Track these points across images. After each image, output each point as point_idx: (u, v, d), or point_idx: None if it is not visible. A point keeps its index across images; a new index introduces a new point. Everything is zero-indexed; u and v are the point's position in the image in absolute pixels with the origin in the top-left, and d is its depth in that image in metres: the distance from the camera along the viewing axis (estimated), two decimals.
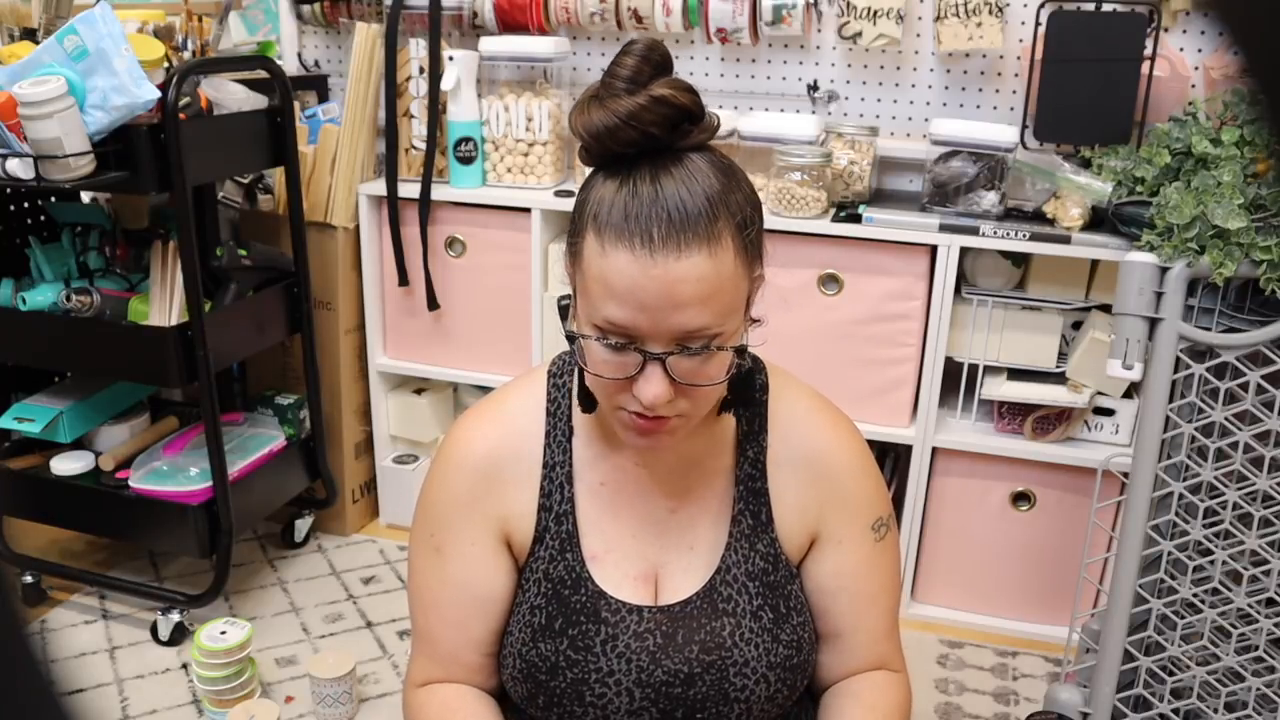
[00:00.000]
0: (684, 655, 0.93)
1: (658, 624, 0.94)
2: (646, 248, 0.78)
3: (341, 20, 2.43)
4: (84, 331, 1.89)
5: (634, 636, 0.93)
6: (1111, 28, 1.83)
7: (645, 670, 0.92)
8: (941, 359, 1.95)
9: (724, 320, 0.82)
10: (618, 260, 0.79)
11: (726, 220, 0.80)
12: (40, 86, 1.58)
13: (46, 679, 0.23)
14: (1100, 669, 1.65)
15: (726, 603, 0.94)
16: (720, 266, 0.80)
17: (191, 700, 1.88)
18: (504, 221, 2.17)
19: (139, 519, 2.01)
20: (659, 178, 0.80)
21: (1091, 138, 1.87)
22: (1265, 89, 0.22)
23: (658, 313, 0.79)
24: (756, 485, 0.98)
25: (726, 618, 0.94)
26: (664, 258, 0.78)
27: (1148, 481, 1.57)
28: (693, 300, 0.79)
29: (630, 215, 0.79)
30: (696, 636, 0.93)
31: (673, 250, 0.78)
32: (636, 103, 0.78)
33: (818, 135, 1.96)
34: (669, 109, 0.79)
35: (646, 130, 0.79)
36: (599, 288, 0.81)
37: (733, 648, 0.93)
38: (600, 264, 0.80)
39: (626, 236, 0.78)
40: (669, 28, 2.12)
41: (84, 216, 2.18)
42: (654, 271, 0.78)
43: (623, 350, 0.82)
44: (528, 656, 0.95)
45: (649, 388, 0.81)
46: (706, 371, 0.83)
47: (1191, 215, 1.50)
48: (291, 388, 2.35)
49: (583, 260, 0.83)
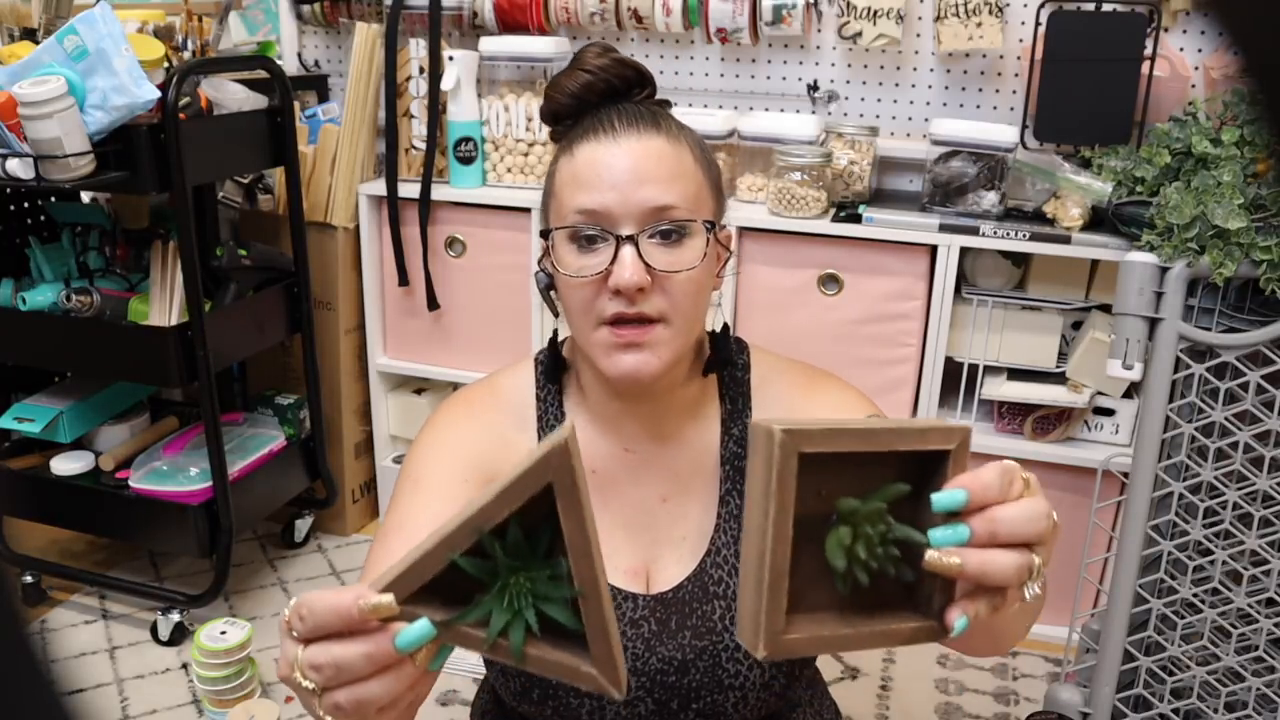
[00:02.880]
0: (677, 642, 0.92)
1: (651, 611, 0.93)
2: (609, 133, 0.87)
3: (341, 20, 2.43)
4: (84, 331, 1.89)
5: (629, 624, 0.92)
6: (1111, 28, 1.82)
7: (640, 658, 0.92)
8: (941, 359, 1.95)
9: (691, 207, 0.87)
10: (584, 153, 0.87)
11: (685, 134, 0.91)
12: (40, 86, 1.58)
13: (47, 679, 0.23)
14: (1100, 669, 1.65)
15: (717, 585, 0.93)
16: (681, 156, 0.88)
17: (191, 700, 1.88)
18: (504, 221, 2.17)
19: (139, 519, 2.01)
20: (620, 106, 0.91)
21: (1091, 138, 1.87)
22: (1264, 89, 0.22)
23: (625, 188, 0.85)
24: (742, 464, 0.96)
25: (717, 600, 0.93)
26: (626, 138, 0.86)
27: (1148, 481, 1.57)
28: (657, 176, 0.86)
29: (594, 120, 0.89)
30: (689, 622, 0.92)
31: (633, 132, 0.87)
32: (603, 63, 0.91)
33: (818, 135, 1.96)
34: (630, 69, 0.92)
35: (611, 82, 0.90)
36: (569, 188, 0.88)
37: (723, 632, 0.92)
38: (569, 167, 0.88)
39: (591, 132, 0.88)
40: (669, 27, 2.12)
41: (84, 216, 2.18)
42: (617, 149, 0.86)
43: (594, 244, 0.86)
44: None
45: (623, 270, 0.84)
46: (680, 258, 0.86)
47: (1191, 215, 1.50)
48: (291, 388, 2.35)
49: (555, 181, 0.91)
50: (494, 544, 0.55)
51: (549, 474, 0.54)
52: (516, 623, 0.56)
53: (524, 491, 0.54)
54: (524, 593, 0.56)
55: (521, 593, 0.56)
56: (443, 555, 0.55)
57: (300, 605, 0.56)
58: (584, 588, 0.55)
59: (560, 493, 0.54)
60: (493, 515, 0.55)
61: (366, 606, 0.54)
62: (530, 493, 0.54)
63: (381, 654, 0.54)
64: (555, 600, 0.56)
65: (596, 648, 0.56)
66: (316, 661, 0.55)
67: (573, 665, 0.56)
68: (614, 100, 0.91)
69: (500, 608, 0.56)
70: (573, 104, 0.91)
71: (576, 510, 0.54)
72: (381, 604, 0.54)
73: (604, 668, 0.56)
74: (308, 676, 0.55)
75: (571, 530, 0.55)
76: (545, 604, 0.56)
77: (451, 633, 0.56)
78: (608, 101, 0.91)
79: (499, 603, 0.56)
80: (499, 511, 0.55)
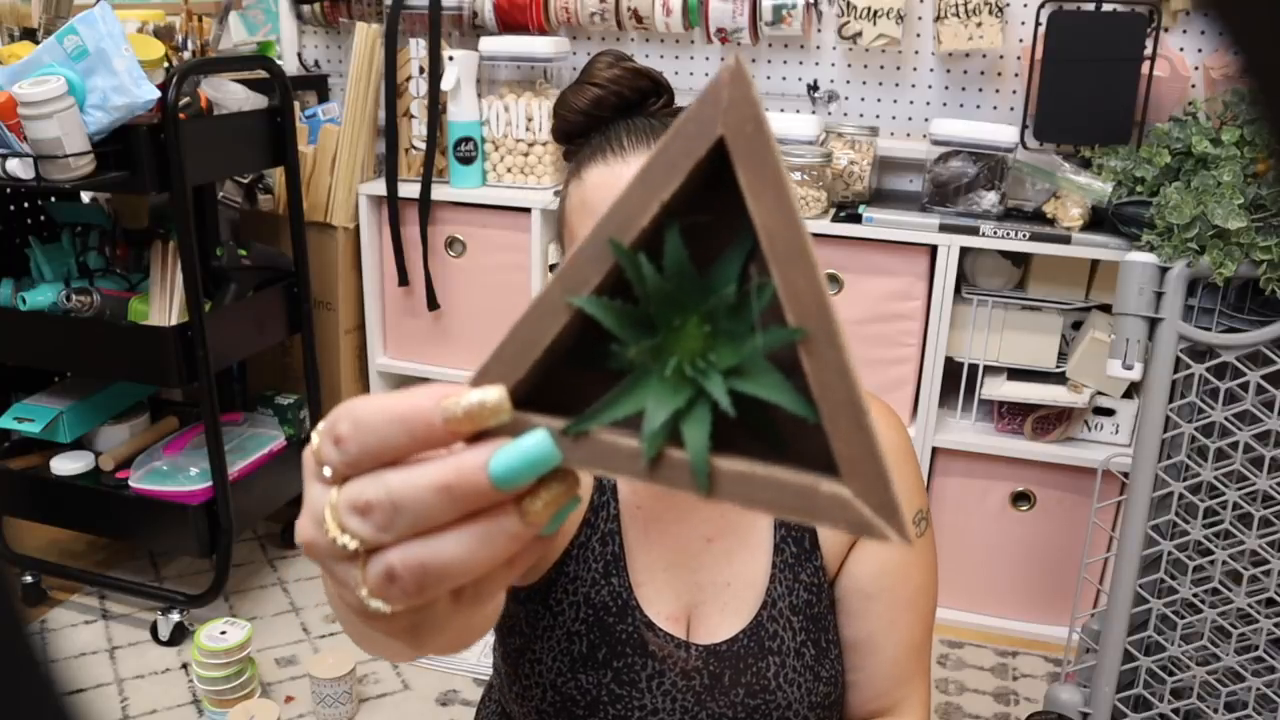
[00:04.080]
0: (729, 699, 0.86)
1: (705, 662, 0.87)
2: (618, 153, 0.82)
3: (341, 20, 2.43)
4: (84, 331, 1.89)
5: (681, 674, 0.86)
6: (1112, 28, 1.82)
7: (689, 711, 0.86)
8: (941, 359, 1.95)
9: None
10: (592, 176, 0.82)
11: None
12: (40, 86, 1.58)
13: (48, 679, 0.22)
14: (1100, 669, 1.65)
15: (772, 640, 0.88)
16: None
17: (191, 700, 1.88)
18: (504, 221, 2.17)
19: (139, 519, 2.01)
20: (631, 122, 0.86)
21: (1091, 138, 1.87)
22: (1264, 89, 0.22)
23: None
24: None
25: (772, 657, 0.87)
26: (636, 157, 0.81)
27: (1148, 481, 1.57)
28: None
29: (602, 140, 0.84)
30: (743, 679, 0.87)
31: (643, 150, 0.81)
32: (613, 74, 0.86)
33: (818, 135, 1.96)
34: (644, 79, 0.86)
35: (623, 95, 0.85)
36: (580, 215, 0.83)
37: (777, 690, 0.87)
38: (578, 192, 0.83)
39: (599, 154, 0.83)
40: (669, 27, 2.12)
41: (84, 216, 2.18)
42: (627, 172, 0.79)
43: None
44: (564, 689, 0.86)
45: None
46: None
47: (1191, 215, 1.50)
48: (291, 388, 2.35)
49: (566, 210, 0.86)
50: (641, 266, 0.32)
51: (718, 121, 0.31)
52: (695, 410, 0.32)
53: (680, 162, 0.32)
54: (700, 351, 0.32)
55: (696, 352, 0.32)
56: (556, 303, 0.33)
57: (338, 417, 0.35)
58: (808, 325, 0.31)
59: (743, 153, 0.31)
60: (633, 215, 0.32)
61: (457, 409, 0.33)
62: (692, 162, 0.32)
63: (469, 486, 0.33)
64: (755, 362, 0.32)
65: (846, 441, 0.31)
66: (363, 498, 0.34)
67: (805, 485, 0.31)
68: (627, 113, 0.87)
69: (663, 384, 0.32)
70: (583, 121, 0.87)
71: (774, 182, 0.31)
72: (486, 402, 0.33)
73: (865, 480, 0.30)
74: (346, 527, 0.34)
75: (768, 217, 0.31)
76: (741, 374, 0.32)
77: (585, 445, 0.33)
78: (620, 115, 0.87)
79: (659, 376, 0.33)
80: (642, 207, 0.32)
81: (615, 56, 0.89)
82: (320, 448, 0.35)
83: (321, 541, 0.35)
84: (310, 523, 0.36)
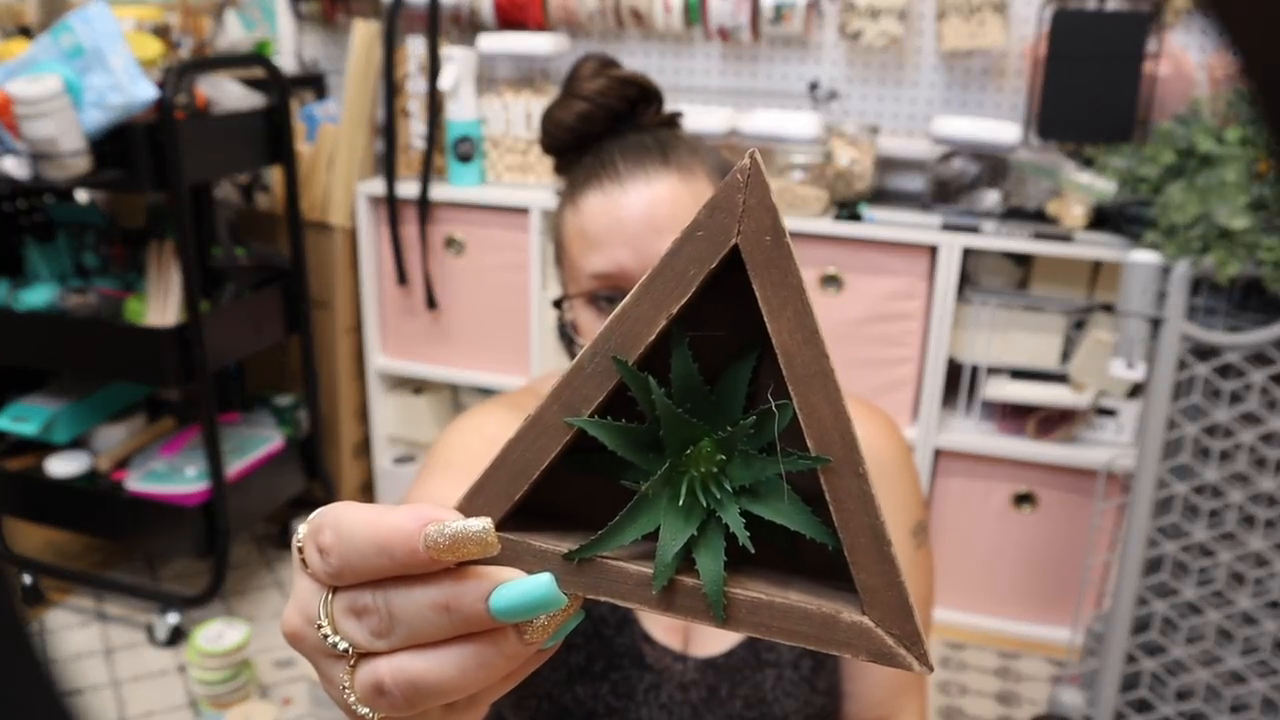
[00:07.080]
0: (726, 711, 0.85)
1: (702, 675, 0.86)
2: (614, 180, 0.80)
3: (339, 18, 2.42)
4: (80, 331, 1.88)
5: (678, 687, 0.86)
6: (1115, 26, 1.82)
7: None
8: (943, 359, 1.94)
9: None
10: (590, 205, 0.80)
11: (699, 161, 0.82)
12: (36, 84, 1.56)
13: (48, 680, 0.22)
14: (1103, 671, 1.64)
15: (769, 652, 0.87)
16: (695, 190, 0.80)
17: (188, 702, 1.87)
18: (503, 221, 2.16)
19: (136, 520, 2.00)
20: (624, 139, 0.83)
21: (1094, 136, 1.86)
22: (1264, 90, 0.22)
23: (638, 241, 0.79)
24: None
25: (769, 669, 0.87)
26: (633, 184, 0.79)
27: (1151, 483, 1.56)
28: (671, 222, 0.78)
29: (597, 163, 0.81)
30: (740, 691, 0.86)
31: (640, 176, 0.80)
32: (600, 85, 0.83)
33: (819, 134, 1.95)
34: (632, 87, 0.84)
35: (613, 108, 0.83)
36: (579, 245, 0.81)
37: (773, 703, 0.86)
38: (576, 221, 0.81)
39: (595, 180, 0.81)
40: (669, 26, 2.11)
41: (80, 216, 2.17)
42: (625, 200, 0.79)
43: (614, 306, 0.79)
44: (560, 700, 0.85)
45: None
46: None
47: (1195, 214, 1.49)
48: (289, 388, 2.34)
49: (564, 237, 0.84)
50: (650, 389, 0.31)
51: (734, 230, 0.30)
52: (709, 536, 0.31)
53: (690, 272, 0.30)
54: (714, 476, 0.31)
55: (709, 476, 0.31)
56: (555, 424, 0.31)
57: (322, 524, 0.34)
58: (831, 452, 0.30)
59: (760, 266, 0.30)
60: (639, 329, 0.31)
61: (441, 538, 0.31)
62: (704, 273, 0.30)
63: (466, 610, 0.32)
64: (771, 485, 0.31)
65: (868, 571, 0.30)
66: (360, 602, 0.33)
67: (826, 615, 0.30)
68: (618, 125, 0.84)
69: (675, 510, 0.31)
70: (573, 139, 0.85)
71: (794, 298, 0.30)
72: (471, 535, 0.30)
73: (887, 609, 0.30)
74: (340, 628, 0.33)
75: (787, 337, 0.30)
76: (756, 496, 0.31)
77: (590, 572, 0.31)
78: (611, 130, 0.84)
79: (670, 501, 0.31)
80: (648, 322, 0.30)
81: (600, 62, 0.86)
82: (305, 549, 0.35)
83: (311, 637, 0.35)
84: (298, 615, 0.35)
